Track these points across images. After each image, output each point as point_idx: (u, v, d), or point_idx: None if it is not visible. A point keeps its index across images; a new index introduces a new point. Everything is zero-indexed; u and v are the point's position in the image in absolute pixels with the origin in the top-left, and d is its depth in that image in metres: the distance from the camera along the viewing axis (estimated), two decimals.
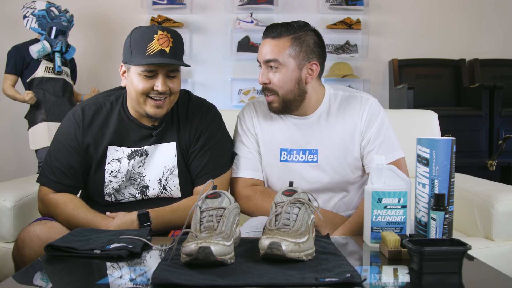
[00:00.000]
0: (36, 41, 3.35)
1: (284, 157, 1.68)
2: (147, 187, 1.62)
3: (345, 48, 4.13)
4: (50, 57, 3.33)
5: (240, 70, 4.21)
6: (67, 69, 3.46)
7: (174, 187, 1.63)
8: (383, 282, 1.11)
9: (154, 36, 1.51)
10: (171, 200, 1.63)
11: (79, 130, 1.60)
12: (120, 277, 1.12)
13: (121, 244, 1.25)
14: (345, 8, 4.10)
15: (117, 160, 1.61)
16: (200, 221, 1.19)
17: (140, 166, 1.62)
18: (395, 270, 1.19)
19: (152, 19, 4.06)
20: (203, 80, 4.17)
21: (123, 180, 1.61)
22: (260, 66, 1.64)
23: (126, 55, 1.55)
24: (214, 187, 1.29)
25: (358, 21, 4.09)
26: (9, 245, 1.80)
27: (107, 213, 1.55)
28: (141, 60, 1.49)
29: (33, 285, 1.11)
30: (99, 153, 1.60)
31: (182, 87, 1.73)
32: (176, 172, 1.62)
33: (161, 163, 1.62)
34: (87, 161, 1.62)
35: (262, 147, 1.72)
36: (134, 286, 1.06)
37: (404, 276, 1.15)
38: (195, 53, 4.20)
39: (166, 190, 1.63)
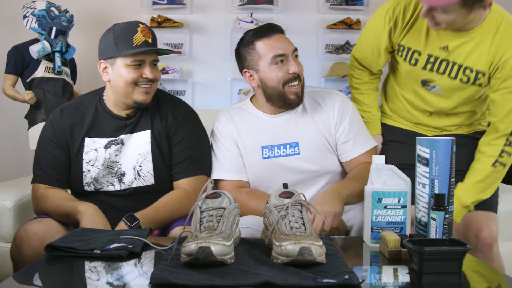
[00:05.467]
0: (36, 41, 3.35)
1: (266, 154, 1.74)
2: (123, 174, 1.68)
3: (345, 48, 4.12)
4: (50, 57, 3.33)
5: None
6: (67, 69, 3.45)
7: (147, 173, 1.68)
8: (383, 282, 1.11)
9: (137, 29, 1.62)
10: (146, 188, 1.68)
11: (57, 126, 1.70)
12: (120, 277, 1.12)
13: (121, 244, 1.25)
14: (345, 8, 4.09)
15: (94, 150, 1.68)
16: (200, 221, 1.19)
17: (116, 155, 1.68)
18: (395, 270, 1.19)
19: (152, 19, 4.06)
20: (203, 80, 4.16)
21: (100, 169, 1.67)
22: (282, 61, 1.67)
23: (109, 51, 1.63)
24: (214, 187, 1.30)
25: (358, 21, 4.09)
26: (9, 244, 1.80)
27: None
28: (132, 51, 1.59)
29: (33, 285, 1.12)
30: (76, 145, 1.68)
31: (183, 88, 1.79)
32: (150, 158, 1.68)
33: (136, 150, 1.69)
34: (69, 153, 1.69)
35: (243, 149, 1.77)
36: (134, 286, 1.06)
37: (404, 276, 1.15)
38: (195, 53, 4.19)
39: (140, 176, 1.68)
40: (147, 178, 1.68)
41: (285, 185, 1.37)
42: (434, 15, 1.47)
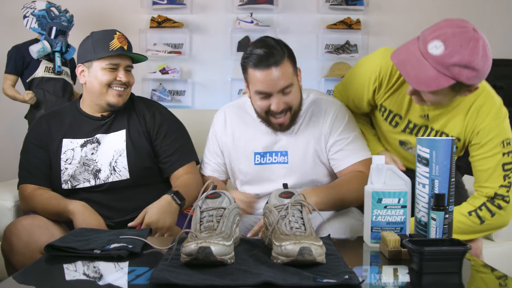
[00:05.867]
0: (36, 41, 3.35)
1: (258, 160, 1.76)
2: (99, 170, 1.76)
3: (345, 48, 4.13)
4: (50, 57, 3.33)
5: (240, 70, 4.18)
6: (67, 69, 3.45)
7: (122, 168, 1.75)
8: (383, 282, 1.11)
9: (114, 36, 1.73)
10: (121, 183, 1.75)
11: (38, 129, 1.80)
12: (120, 277, 1.12)
13: (121, 244, 1.25)
14: (345, 8, 4.09)
15: (71, 149, 1.77)
16: (200, 221, 1.19)
17: (92, 153, 1.77)
18: (395, 270, 1.19)
19: (152, 19, 4.06)
20: (203, 80, 4.17)
21: (77, 166, 1.75)
22: (266, 96, 1.61)
23: (87, 54, 1.74)
24: (214, 187, 1.30)
25: (358, 21, 4.09)
26: None
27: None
28: (107, 53, 1.69)
29: (33, 285, 1.12)
30: (55, 146, 1.77)
31: (183, 88, 1.83)
32: (124, 154, 1.76)
33: (111, 148, 1.77)
34: (49, 154, 1.77)
35: (235, 153, 1.80)
36: (134, 286, 1.06)
37: (404, 276, 1.15)
38: (195, 53, 4.20)
39: (115, 171, 1.75)
40: (122, 172, 1.75)
41: (285, 185, 1.37)
42: (421, 94, 1.48)
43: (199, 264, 1.08)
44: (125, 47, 1.73)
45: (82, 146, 1.77)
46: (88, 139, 1.78)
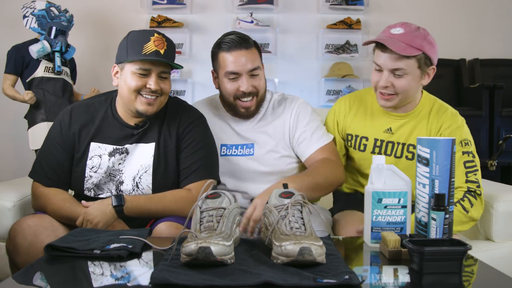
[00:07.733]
0: (36, 41, 3.35)
1: (224, 152, 1.86)
2: (122, 182, 1.68)
3: (345, 48, 4.13)
4: (50, 57, 3.33)
5: None
6: (67, 69, 3.46)
7: (146, 186, 1.67)
8: (383, 282, 1.11)
9: (151, 38, 1.61)
10: None
11: (65, 127, 1.69)
12: (120, 277, 1.12)
13: (121, 244, 1.25)
14: (345, 8, 4.10)
15: (99, 156, 1.68)
16: (200, 221, 1.19)
17: (120, 164, 1.68)
18: (395, 270, 1.19)
19: (152, 19, 4.06)
20: (203, 80, 4.16)
21: (102, 176, 1.67)
22: (235, 78, 1.76)
23: (121, 55, 1.64)
24: (214, 187, 1.30)
25: (358, 21, 4.09)
26: None
27: (83, 202, 1.59)
28: (138, 57, 1.59)
29: (33, 285, 1.12)
30: (81, 148, 1.68)
31: (183, 87, 1.77)
32: (150, 171, 1.67)
33: (138, 161, 1.68)
34: (73, 156, 1.69)
35: None
36: (134, 286, 1.07)
37: (404, 276, 1.15)
38: (195, 53, 4.20)
39: (138, 187, 1.68)
40: (146, 190, 1.67)
41: (285, 185, 1.37)
42: (392, 82, 1.66)
43: (199, 264, 1.08)
44: (162, 51, 1.59)
45: (110, 155, 1.67)
46: (117, 147, 1.67)
